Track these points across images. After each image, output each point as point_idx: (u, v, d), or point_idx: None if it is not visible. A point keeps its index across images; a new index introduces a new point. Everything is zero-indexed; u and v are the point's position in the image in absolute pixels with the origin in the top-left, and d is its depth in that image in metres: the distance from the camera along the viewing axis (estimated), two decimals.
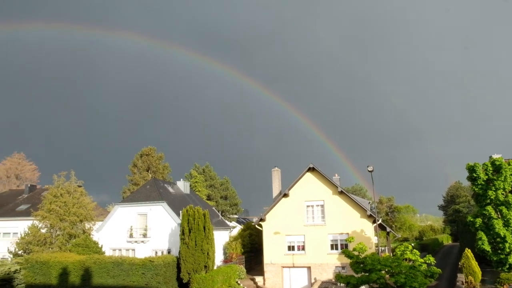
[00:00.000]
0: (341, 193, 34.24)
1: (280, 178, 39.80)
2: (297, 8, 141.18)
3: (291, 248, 34.84)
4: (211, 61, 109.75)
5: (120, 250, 36.58)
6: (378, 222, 32.45)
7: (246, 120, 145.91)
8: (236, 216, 62.91)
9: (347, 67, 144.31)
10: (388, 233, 37.69)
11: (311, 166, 34.98)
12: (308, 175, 35.39)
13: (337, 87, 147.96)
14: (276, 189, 39.31)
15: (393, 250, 36.34)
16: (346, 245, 31.47)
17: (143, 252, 34.95)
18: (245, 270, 34.84)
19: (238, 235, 42.39)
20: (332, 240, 33.88)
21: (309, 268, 34.00)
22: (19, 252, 34.84)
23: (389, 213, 70.85)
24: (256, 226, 36.75)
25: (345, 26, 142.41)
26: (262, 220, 36.01)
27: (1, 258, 36.61)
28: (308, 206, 35.05)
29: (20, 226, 38.79)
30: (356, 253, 22.66)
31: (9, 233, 41.56)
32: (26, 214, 41.16)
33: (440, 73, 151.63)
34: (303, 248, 34.46)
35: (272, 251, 34.92)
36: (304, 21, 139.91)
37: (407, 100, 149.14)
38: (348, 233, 32.65)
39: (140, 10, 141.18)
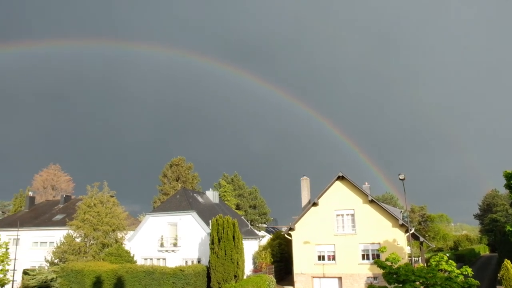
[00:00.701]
0: (371, 201, 33.64)
1: (309, 187, 39.53)
2: (321, 15, 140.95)
3: (321, 257, 34.41)
4: (238, 71, 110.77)
5: (151, 259, 37.07)
6: (411, 232, 31.62)
7: (274, 129, 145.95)
8: (265, 225, 62.75)
9: (377, 74, 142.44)
10: (421, 243, 36.66)
11: (341, 174, 34.58)
12: (338, 183, 34.98)
13: (367, 94, 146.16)
14: (305, 198, 39.03)
15: (427, 261, 35.29)
16: (378, 255, 30.82)
17: (173, 261, 35.31)
18: (275, 280, 34.60)
19: (268, 244, 42.23)
20: (363, 250, 33.24)
21: (340, 278, 33.45)
22: (55, 260, 35.88)
23: (421, 222, 68.94)
24: (286, 235, 36.52)
25: (372, 32, 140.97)
26: (291, 229, 35.77)
27: (39, 267, 37.79)
28: (338, 215, 34.59)
29: (56, 236, 40.01)
30: (388, 263, 22.11)
31: (46, 242, 42.91)
32: (61, 223, 42.40)
33: (478, 78, 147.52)
34: (334, 258, 33.96)
35: (302, 260, 34.58)
36: (330, 28, 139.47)
37: (441, 106, 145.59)
38: (379, 243, 31.98)
39: (168, 23, 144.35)
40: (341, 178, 34.75)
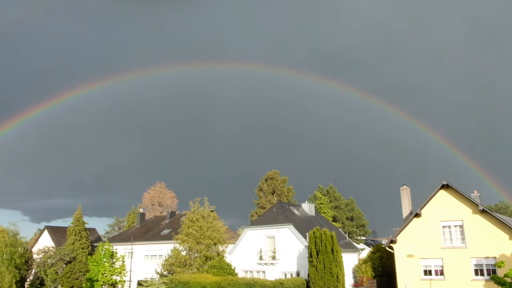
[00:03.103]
0: (483, 211, 30.70)
1: (410, 197, 37.44)
2: (410, 18, 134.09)
3: (427, 272, 32.15)
4: (327, 82, 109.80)
5: (251, 271, 37.93)
6: None
7: (369, 139, 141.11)
8: (363, 237, 60.59)
9: (484, 73, 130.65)
10: None
11: (445, 183, 32.19)
12: (442, 193, 32.58)
13: (473, 99, 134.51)
14: (406, 208, 37.02)
15: None
16: (494, 271, 27.94)
17: (272, 274, 35.72)
18: None
19: (368, 257, 40.65)
20: (475, 265, 30.36)
21: None
22: (165, 272, 38.48)
23: None
24: (387, 248, 34.87)
25: (468, 30, 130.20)
26: (392, 242, 34.07)
27: (150, 278, 40.82)
28: (444, 226, 32.14)
29: (164, 249, 42.98)
30: (508, 279, 19.98)
31: (156, 255, 46.29)
32: (168, 238, 45.47)
33: None
34: (442, 273, 31.50)
35: (406, 275, 32.64)
36: (422, 30, 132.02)
37: None
38: (495, 257, 28.98)
39: (254, 41, 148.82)
40: (445, 186, 32.33)
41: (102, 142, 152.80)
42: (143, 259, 47.76)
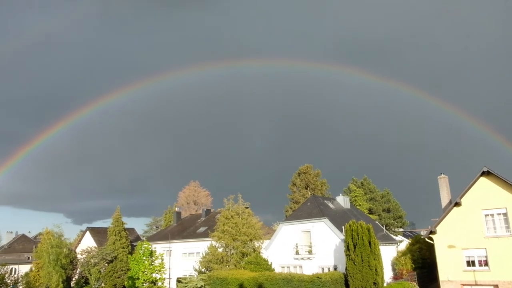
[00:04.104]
0: None
1: (448, 185, 36.32)
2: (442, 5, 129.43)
3: (470, 263, 31.12)
4: (356, 72, 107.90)
5: (288, 266, 37.91)
6: None
7: (403, 129, 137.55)
8: (401, 229, 59.31)
9: None
10: None
11: (485, 169, 30.97)
12: (483, 180, 31.36)
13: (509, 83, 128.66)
14: (444, 198, 35.95)
15: None
16: None
17: (309, 268, 35.58)
18: (418, 287, 32.40)
19: (407, 249, 39.79)
20: None
21: (496, 286, 29.76)
22: (202, 269, 39.09)
23: None
24: (426, 239, 33.99)
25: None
26: (432, 232, 33.17)
27: (189, 275, 41.57)
28: (486, 215, 30.96)
29: (201, 246, 43.66)
30: None
31: (193, 252, 47.10)
32: (204, 235, 46.14)
33: None
34: (486, 264, 30.40)
35: (448, 267, 31.72)
36: (456, 17, 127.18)
37: None
38: None
39: (283, 36, 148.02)
40: (486, 173, 31.10)
41: (137, 145, 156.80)
42: (181, 257, 48.67)
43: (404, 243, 46.08)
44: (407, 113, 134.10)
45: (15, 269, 63.37)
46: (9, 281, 40.60)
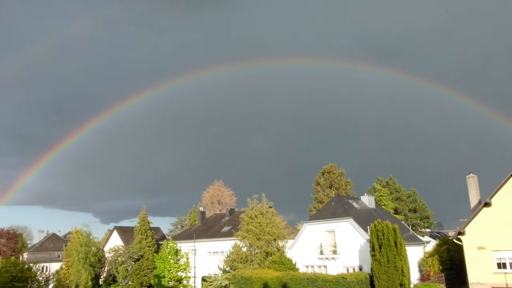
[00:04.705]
0: None
1: (478, 185, 35.37)
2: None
3: (501, 265, 30.21)
4: (380, 70, 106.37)
5: (312, 266, 37.76)
6: None
7: (431, 126, 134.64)
8: (428, 230, 58.14)
9: None
10: None
11: None
12: None
13: None
14: (473, 198, 35.04)
15: None
16: None
17: (334, 268, 35.34)
18: None
19: (434, 250, 39.02)
20: None
21: None
22: (227, 268, 39.38)
23: None
24: (455, 240, 33.21)
25: None
26: (460, 233, 32.39)
27: (214, 274, 41.97)
28: None
29: (225, 246, 43.97)
30: None
31: (218, 251, 47.47)
32: (229, 234, 46.43)
33: None
34: None
35: (477, 268, 30.88)
36: (478, 11, 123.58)
37: None
38: None
39: (296, 34, 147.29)
40: None
41: (163, 146, 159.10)
42: (206, 256, 49.14)
43: (431, 244, 45.21)
44: (435, 111, 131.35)
45: (46, 266, 65.42)
46: (41, 278, 41.95)
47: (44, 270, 58.11)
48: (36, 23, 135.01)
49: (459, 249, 33.71)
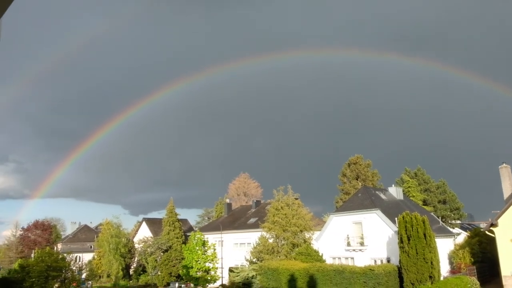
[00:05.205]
0: None
1: (511, 176, 34.29)
2: None
3: None
4: (408, 58, 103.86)
5: (339, 258, 37.60)
6: None
7: (461, 116, 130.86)
8: (459, 221, 56.85)
9: None
10: None
11: None
12: None
13: None
14: (507, 188, 34.03)
15: None
16: None
17: (361, 260, 35.07)
18: (478, 282, 30.92)
19: (465, 242, 38.14)
20: None
21: None
22: (254, 259, 39.69)
23: None
24: (487, 232, 32.34)
25: None
26: (493, 225, 31.49)
27: (241, 265, 42.38)
28: None
29: (251, 237, 44.29)
30: None
31: (244, 243, 47.89)
32: (255, 226, 46.72)
33: None
34: None
35: (511, 261, 30.02)
36: None
37: None
38: None
39: (323, 24, 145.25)
40: None
41: (189, 139, 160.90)
42: (233, 247, 49.64)
43: (462, 236, 44.23)
44: (465, 100, 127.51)
45: (79, 257, 67.59)
46: (74, 268, 43.40)
47: (77, 260, 59.99)
48: (64, 22, 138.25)
49: (491, 242, 32.83)
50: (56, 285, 31.41)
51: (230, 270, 44.29)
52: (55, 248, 67.64)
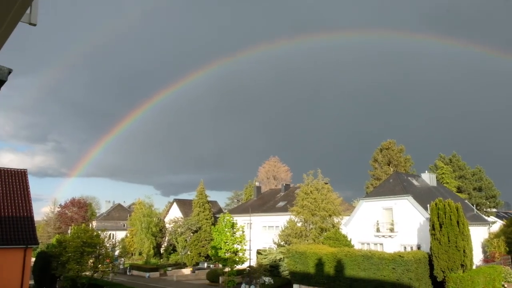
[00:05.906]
0: None
1: None
2: None
3: None
4: (444, 41, 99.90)
5: (368, 244, 37.24)
6: None
7: (500, 101, 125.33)
8: (494, 210, 55.03)
9: None
10: None
11: None
12: None
13: None
14: None
15: None
16: None
17: (390, 246, 34.60)
18: None
19: (500, 231, 36.93)
20: None
21: None
22: (281, 243, 39.89)
23: None
24: None
25: None
26: None
27: (268, 247, 42.71)
28: None
29: (280, 220, 44.46)
30: None
31: (272, 226, 48.17)
32: (283, 210, 46.84)
33: None
34: None
35: None
36: None
37: None
38: None
39: (354, 6, 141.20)
40: None
41: (221, 122, 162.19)
42: (261, 230, 50.05)
43: (497, 225, 42.90)
44: (503, 83, 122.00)
45: (112, 234, 70.03)
46: (108, 245, 44.90)
47: (111, 238, 62.14)
48: (99, 8, 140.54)
49: None
50: (91, 260, 32.58)
51: (258, 252, 44.76)
52: (90, 225, 70.23)
